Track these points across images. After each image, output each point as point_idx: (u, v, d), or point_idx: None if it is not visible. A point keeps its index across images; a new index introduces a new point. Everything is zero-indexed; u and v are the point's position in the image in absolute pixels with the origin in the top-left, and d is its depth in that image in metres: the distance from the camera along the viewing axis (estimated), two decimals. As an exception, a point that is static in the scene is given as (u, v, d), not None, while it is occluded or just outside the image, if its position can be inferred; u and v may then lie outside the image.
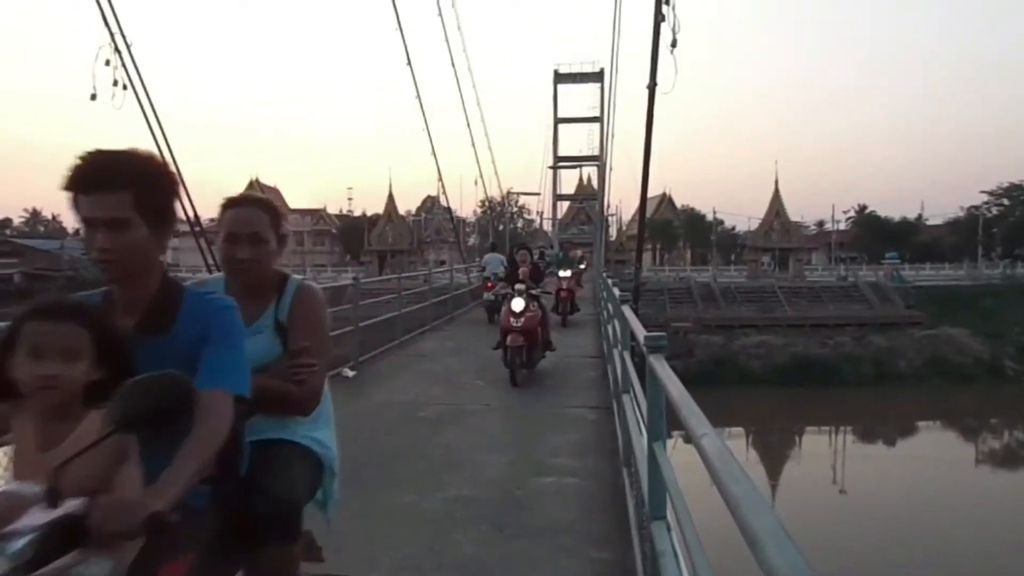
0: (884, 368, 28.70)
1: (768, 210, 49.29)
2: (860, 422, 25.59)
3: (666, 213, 68.09)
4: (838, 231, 68.32)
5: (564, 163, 64.84)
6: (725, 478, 1.25)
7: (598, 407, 6.80)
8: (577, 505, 4.22)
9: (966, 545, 13.38)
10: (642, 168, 14.29)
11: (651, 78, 13.05)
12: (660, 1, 12.03)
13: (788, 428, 25.01)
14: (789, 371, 28.34)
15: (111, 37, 8.78)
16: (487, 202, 64.01)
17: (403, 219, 57.60)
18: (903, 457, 21.87)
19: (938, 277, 45.26)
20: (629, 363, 4.61)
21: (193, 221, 11.16)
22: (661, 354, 2.56)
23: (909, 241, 63.81)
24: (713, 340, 30.13)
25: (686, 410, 1.80)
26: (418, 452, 5.33)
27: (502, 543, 3.64)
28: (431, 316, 13.58)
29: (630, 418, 3.94)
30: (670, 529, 2.37)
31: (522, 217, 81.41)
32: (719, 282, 40.14)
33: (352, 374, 8.39)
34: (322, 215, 77.16)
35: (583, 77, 61.86)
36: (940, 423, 25.88)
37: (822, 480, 18.58)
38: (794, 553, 0.94)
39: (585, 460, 5.11)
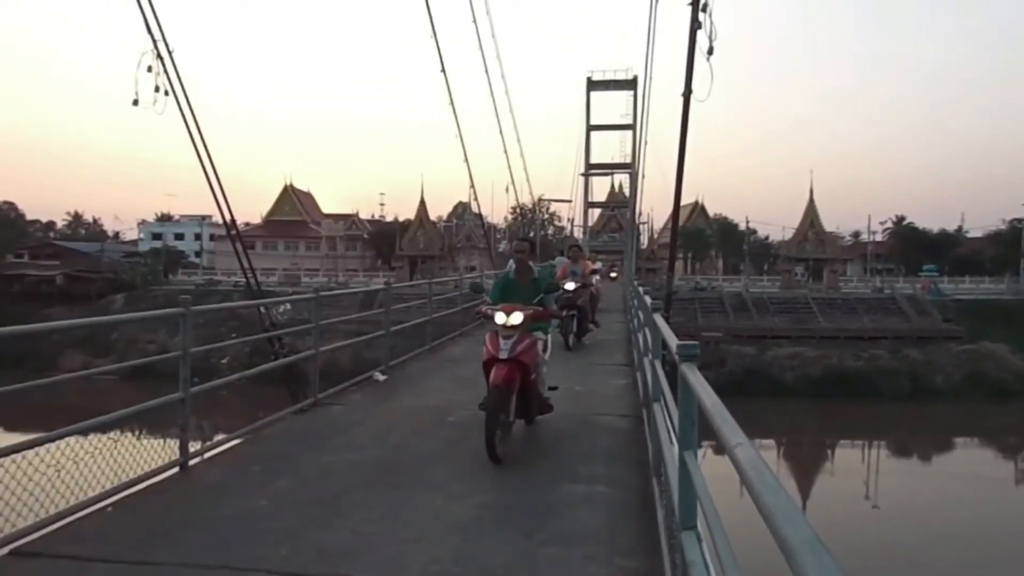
0: (921, 382, 28.09)
1: (802, 220, 48.56)
2: (895, 437, 25.08)
3: (698, 222, 67.58)
4: (874, 242, 67.05)
5: (596, 170, 64.81)
6: (759, 488, 1.24)
7: (627, 415, 6.76)
8: (606, 513, 4.20)
9: (1003, 567, 13.01)
10: (676, 176, 14.24)
11: (686, 85, 13.01)
12: (696, 8, 11.98)
13: (820, 441, 24.60)
14: (822, 383, 27.90)
15: (154, 44, 9.02)
16: (518, 209, 64.19)
17: (434, 225, 57.94)
18: (939, 474, 21.37)
19: (978, 291, 44.18)
20: (660, 372, 4.59)
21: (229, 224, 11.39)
22: (694, 363, 2.54)
23: (948, 253, 62.43)
24: (744, 351, 29.79)
25: (719, 419, 1.78)
26: (447, 456, 5.34)
27: (530, 549, 3.63)
28: (461, 321, 13.64)
29: (660, 427, 3.91)
30: (700, 539, 2.35)
31: (553, 224, 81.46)
32: (751, 292, 39.66)
33: (383, 378, 8.46)
34: (354, 220, 77.93)
35: (616, 84, 61.78)
36: (978, 440, 25.24)
37: (854, 494, 18.23)
38: (831, 565, 0.93)
39: (614, 468, 5.08)
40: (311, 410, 6.86)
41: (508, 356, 5.16)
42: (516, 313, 5.39)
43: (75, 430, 4.11)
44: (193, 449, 5.12)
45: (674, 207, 15.56)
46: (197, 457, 5.18)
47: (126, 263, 54.22)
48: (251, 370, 6.85)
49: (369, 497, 4.38)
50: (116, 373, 7.77)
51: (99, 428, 4.32)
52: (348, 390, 7.79)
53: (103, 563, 3.41)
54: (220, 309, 10.12)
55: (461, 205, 70.54)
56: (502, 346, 5.20)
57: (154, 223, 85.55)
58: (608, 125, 63.38)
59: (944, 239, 65.95)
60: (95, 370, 6.42)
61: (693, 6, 12.10)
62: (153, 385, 5.77)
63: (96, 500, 4.11)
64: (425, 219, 54.53)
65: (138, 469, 4.59)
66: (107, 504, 4.15)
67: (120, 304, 40.39)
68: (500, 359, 5.17)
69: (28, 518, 3.70)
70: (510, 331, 5.30)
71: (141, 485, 4.49)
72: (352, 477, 4.76)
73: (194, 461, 5.09)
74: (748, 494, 1.27)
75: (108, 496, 4.20)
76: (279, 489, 4.48)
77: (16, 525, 3.62)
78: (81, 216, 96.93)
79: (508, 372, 5.13)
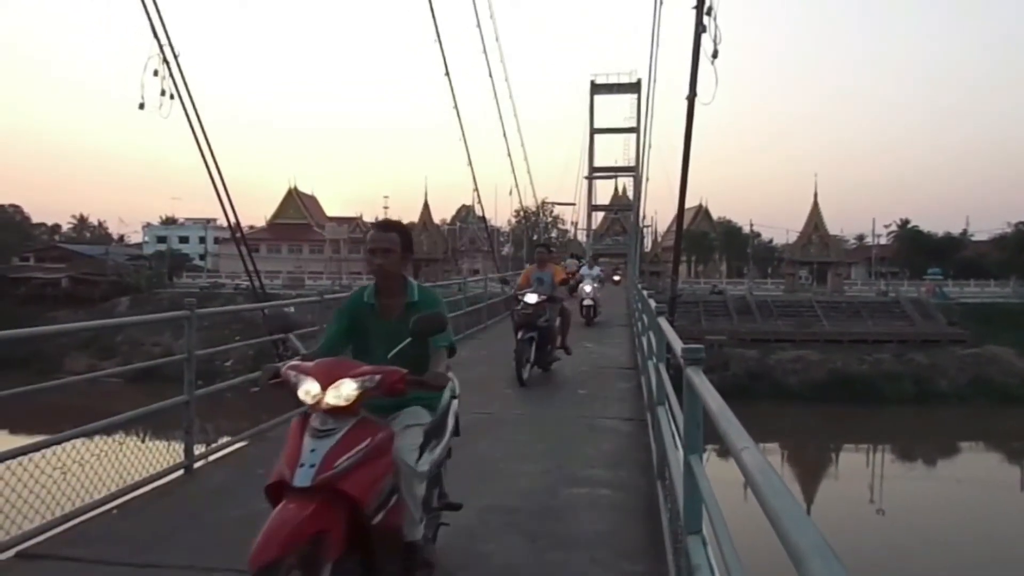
0: (925, 386, 28.00)
1: (807, 223, 48.56)
2: (899, 441, 24.99)
3: (702, 225, 67.50)
4: (879, 246, 66.92)
5: (599, 174, 64.83)
6: (766, 492, 1.24)
7: (632, 419, 6.75)
8: (610, 517, 4.19)
9: (1008, 572, 12.95)
10: (679, 179, 14.23)
11: (691, 89, 13.01)
12: (701, 12, 11.99)
13: (824, 445, 24.52)
14: (826, 387, 27.82)
15: (160, 49, 9.05)
16: (522, 212, 64.24)
17: (438, 228, 58.01)
18: (944, 478, 21.27)
19: (983, 294, 44.06)
20: (665, 375, 4.58)
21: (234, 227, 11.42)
22: (699, 366, 2.54)
23: (953, 257, 62.26)
24: (748, 354, 29.73)
25: (725, 423, 1.78)
26: (451, 460, 5.34)
27: (535, 554, 3.63)
28: (464, 325, 13.64)
29: (665, 430, 3.91)
30: (706, 543, 2.34)
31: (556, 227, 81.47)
32: (755, 295, 39.59)
33: (386, 381, 8.46)
34: (358, 223, 78.01)
35: (620, 88, 61.80)
36: (983, 445, 25.13)
37: (859, 499, 18.16)
38: (840, 570, 0.93)
39: (619, 472, 5.07)
40: (315, 413, 6.85)
41: (310, 483, 2.36)
42: (347, 382, 2.54)
43: (81, 432, 4.12)
44: (198, 452, 5.13)
45: (678, 210, 15.57)
46: (202, 460, 5.19)
47: (131, 266, 54.41)
48: (256, 373, 6.85)
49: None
50: (121, 376, 7.77)
51: (104, 431, 4.33)
52: (352, 393, 7.78)
53: (108, 565, 3.41)
54: (224, 312, 10.14)
55: (465, 208, 70.61)
56: (301, 459, 2.42)
57: (159, 226, 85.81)
58: (612, 128, 63.40)
59: (949, 242, 65.75)
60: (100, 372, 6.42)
61: (697, 10, 12.11)
62: (158, 388, 5.78)
63: (101, 502, 4.12)
64: (429, 222, 54.64)
65: (143, 472, 4.60)
66: (112, 506, 4.16)
67: (125, 307, 40.48)
68: (293, 487, 2.38)
69: (34, 520, 3.71)
70: (333, 415, 2.50)
71: (146, 487, 4.50)
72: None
73: (199, 464, 5.09)
74: (754, 498, 1.27)
75: (113, 498, 4.21)
76: (283, 492, 4.48)
77: (22, 527, 3.63)
78: (86, 219, 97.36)
79: (300, 525, 2.27)
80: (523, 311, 8.51)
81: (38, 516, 3.75)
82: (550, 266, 9.31)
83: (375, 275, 3.13)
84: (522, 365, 8.11)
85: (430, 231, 54.15)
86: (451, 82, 19.08)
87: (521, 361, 8.11)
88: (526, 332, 8.38)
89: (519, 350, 8.16)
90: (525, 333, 8.37)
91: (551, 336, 8.93)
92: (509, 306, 10.41)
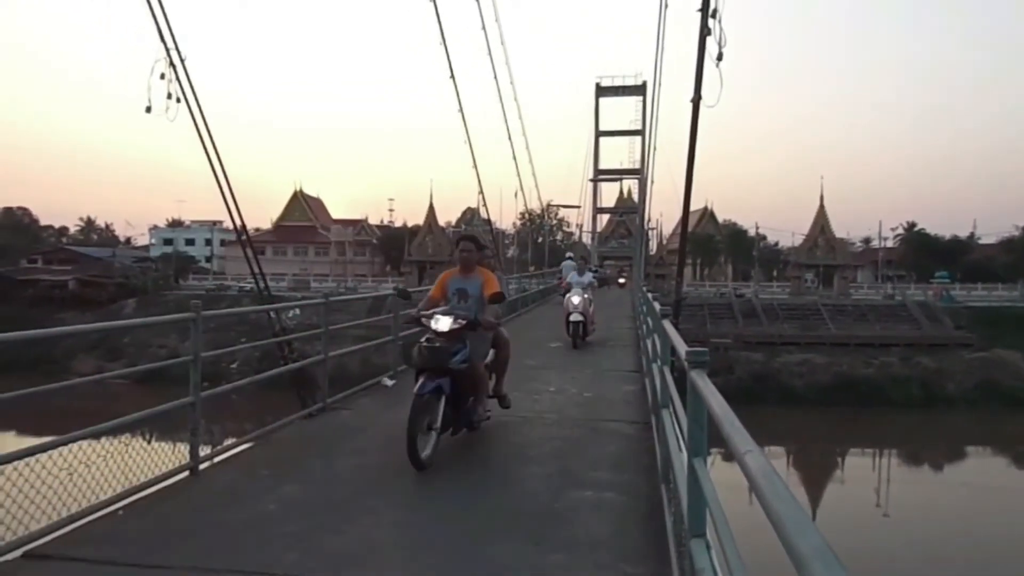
0: (932, 390, 27.89)
1: (812, 226, 48.45)
2: (906, 445, 24.89)
3: (708, 228, 67.48)
4: (885, 249, 66.72)
5: (605, 176, 64.84)
6: (770, 496, 1.24)
7: (636, 421, 6.74)
8: (614, 520, 4.19)
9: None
10: (685, 181, 14.19)
11: (696, 91, 12.97)
12: (706, 15, 11.97)
13: (830, 449, 24.44)
14: (832, 391, 27.74)
15: (167, 52, 9.09)
16: (527, 214, 64.26)
17: (443, 230, 58.07)
18: (951, 483, 21.18)
19: (990, 298, 43.89)
20: (669, 378, 4.58)
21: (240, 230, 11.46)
22: (703, 369, 2.54)
23: (960, 260, 62.05)
24: (754, 357, 29.67)
25: (729, 426, 1.78)
26: (456, 462, 5.35)
27: (538, 556, 3.63)
28: (469, 327, 13.62)
29: (669, 433, 3.90)
30: (710, 547, 2.34)
31: (561, 230, 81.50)
32: (761, 298, 39.50)
33: (392, 383, 8.47)
34: (364, 225, 78.20)
35: (625, 90, 61.87)
36: (991, 449, 25.00)
37: (865, 503, 18.10)
38: (842, 574, 0.93)
39: (622, 474, 5.07)
40: (320, 415, 6.88)
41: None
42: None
43: (87, 433, 4.14)
44: (203, 453, 5.15)
45: (683, 213, 15.53)
46: (207, 461, 5.20)
47: (137, 268, 54.68)
48: (261, 375, 6.88)
49: (378, 503, 4.39)
50: (127, 377, 7.81)
51: (111, 432, 4.35)
52: (357, 395, 7.81)
53: (114, 566, 3.43)
54: (230, 314, 10.18)
55: (470, 211, 70.71)
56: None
57: (165, 229, 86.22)
58: (617, 131, 63.45)
59: (956, 245, 65.55)
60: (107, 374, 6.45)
61: (703, 12, 12.10)
62: (164, 389, 5.80)
63: (107, 503, 4.13)
64: (434, 224, 54.71)
65: (149, 472, 4.62)
66: (118, 507, 4.18)
67: (131, 309, 40.68)
68: None
69: (41, 520, 3.73)
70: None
71: (152, 488, 4.51)
72: (361, 482, 4.77)
73: (204, 465, 5.11)
74: (758, 502, 1.27)
75: (119, 499, 4.23)
76: (288, 493, 4.49)
77: (29, 528, 3.65)
78: (94, 221, 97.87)
79: None
80: (427, 345, 5.28)
81: (44, 517, 3.77)
82: (479, 271, 5.92)
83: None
84: (417, 435, 4.83)
85: (435, 234, 54.19)
86: (456, 84, 19.08)
87: (417, 429, 4.85)
88: (430, 380, 5.09)
89: (415, 410, 4.87)
90: (428, 382, 5.07)
91: (474, 382, 5.62)
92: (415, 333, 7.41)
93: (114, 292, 44.39)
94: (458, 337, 5.40)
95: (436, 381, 5.14)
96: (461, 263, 5.95)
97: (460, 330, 5.43)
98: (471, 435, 5.87)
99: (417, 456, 4.84)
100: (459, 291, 5.85)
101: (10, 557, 3.45)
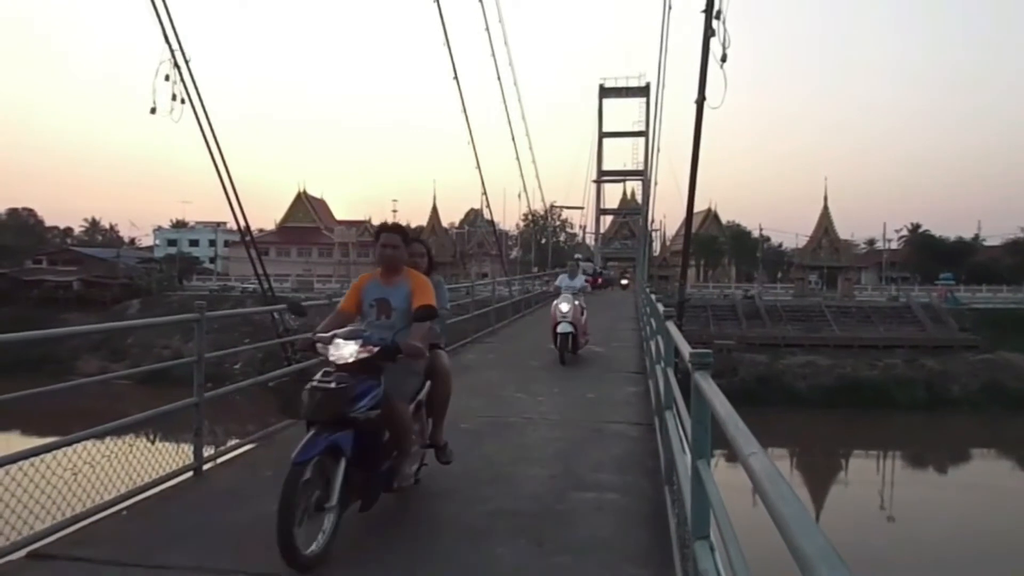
0: (936, 392, 27.80)
1: (816, 227, 48.41)
2: (910, 447, 24.81)
3: (711, 229, 67.36)
4: (890, 250, 66.61)
5: (608, 177, 64.84)
6: (774, 498, 1.24)
7: (639, 423, 6.74)
8: (618, 522, 4.18)
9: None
10: (688, 182, 14.17)
11: (699, 92, 12.96)
12: (710, 15, 11.96)
13: (834, 451, 24.38)
14: (836, 392, 27.66)
15: (171, 54, 9.11)
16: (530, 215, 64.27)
17: (446, 231, 58.13)
18: (955, 485, 21.11)
19: (995, 300, 43.73)
20: (673, 380, 4.58)
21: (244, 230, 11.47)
22: (707, 371, 2.54)
23: (965, 262, 61.89)
24: (757, 359, 29.61)
25: (733, 428, 1.78)
26: (459, 464, 5.34)
27: (541, 558, 3.62)
28: (473, 328, 13.65)
29: (673, 435, 3.90)
30: (713, 549, 2.34)
31: (564, 231, 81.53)
32: (764, 300, 39.44)
33: (394, 384, 8.46)
34: (367, 226, 78.28)
35: (629, 91, 61.82)
36: (996, 451, 24.92)
37: (869, 505, 18.05)
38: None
39: (626, 476, 5.06)
40: (324, 416, 6.87)
41: None
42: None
43: (91, 434, 4.15)
44: (207, 454, 5.15)
45: (687, 214, 15.50)
46: (211, 462, 5.21)
47: (142, 269, 54.77)
48: (265, 375, 6.88)
49: (381, 503, 4.39)
50: (132, 378, 7.82)
51: (115, 432, 4.36)
52: (360, 396, 7.80)
53: (118, 566, 3.44)
54: (234, 315, 10.20)
55: (473, 212, 70.78)
56: None
57: (169, 229, 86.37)
58: (621, 132, 63.43)
59: (961, 247, 65.39)
60: (112, 375, 6.47)
61: (706, 13, 12.08)
62: (168, 390, 5.82)
63: (111, 504, 4.14)
64: (437, 225, 54.75)
65: (153, 473, 4.63)
66: (122, 508, 4.19)
67: (135, 309, 40.75)
68: None
69: (45, 521, 3.74)
70: None
71: (156, 489, 4.52)
72: (364, 483, 4.76)
73: (208, 466, 5.12)
74: (762, 504, 1.27)
75: (123, 500, 4.24)
76: (292, 494, 4.49)
77: (33, 528, 3.66)
78: (98, 222, 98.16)
79: None
80: (319, 385, 3.67)
81: (49, 517, 3.78)
82: (407, 275, 4.37)
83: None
84: (293, 525, 3.32)
85: (438, 235, 54.22)
86: (459, 85, 19.10)
87: (292, 517, 3.32)
88: (321, 436, 3.56)
89: (289, 487, 3.38)
90: (318, 439, 3.54)
91: (395, 432, 4.02)
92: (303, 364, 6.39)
93: (118, 293, 44.48)
94: (368, 371, 3.75)
95: (329, 438, 3.49)
96: (383, 263, 4.33)
97: (371, 360, 3.76)
98: None
99: (295, 554, 3.26)
100: (379, 302, 4.26)
101: (15, 557, 3.45)
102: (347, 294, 4.51)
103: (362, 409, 3.64)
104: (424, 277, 4.43)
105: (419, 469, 4.51)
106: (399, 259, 4.36)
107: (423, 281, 4.35)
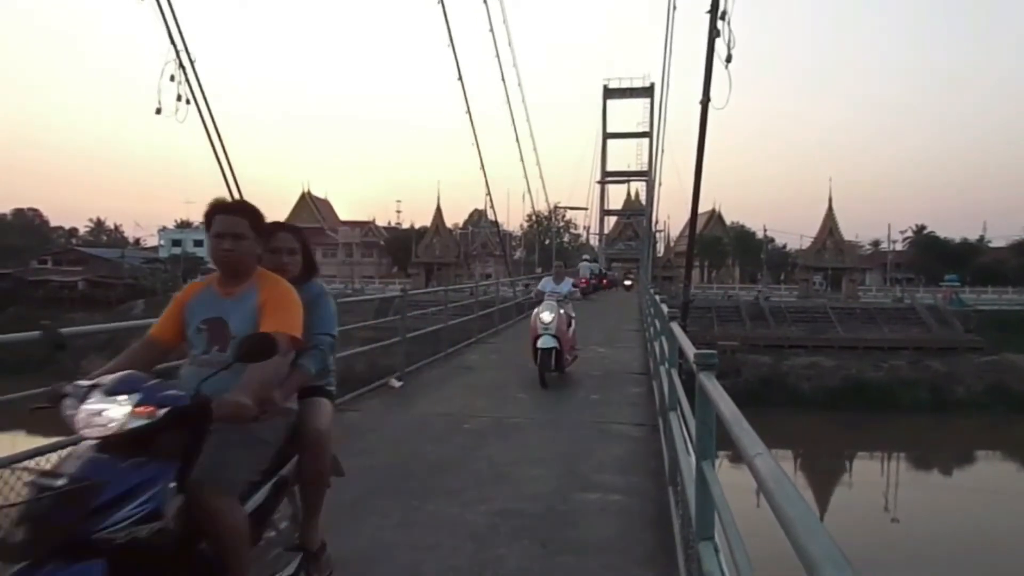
0: (941, 394, 27.71)
1: (821, 228, 48.20)
2: (915, 449, 24.73)
3: (715, 230, 67.23)
4: (894, 251, 66.43)
5: (612, 178, 64.81)
6: (780, 499, 1.24)
7: (643, 424, 6.73)
8: (622, 523, 4.18)
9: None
10: (693, 183, 14.17)
11: (704, 93, 12.96)
12: (715, 16, 11.96)
13: (838, 452, 24.31)
14: (840, 394, 27.59)
15: (176, 54, 9.14)
16: (534, 216, 64.28)
17: (450, 232, 58.12)
18: (960, 487, 21.03)
19: (1001, 301, 43.56)
20: (677, 381, 4.57)
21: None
22: (712, 372, 2.53)
23: (970, 263, 61.67)
24: (761, 360, 29.54)
25: (738, 429, 1.77)
26: (462, 464, 5.34)
27: (545, 558, 3.62)
28: (477, 328, 13.65)
29: (677, 436, 3.89)
30: (718, 550, 2.33)
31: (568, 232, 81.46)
32: (769, 301, 39.36)
33: (399, 384, 8.48)
34: (371, 227, 78.39)
35: (633, 92, 61.78)
36: (1001, 454, 24.82)
37: (873, 507, 17.99)
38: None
39: (630, 477, 5.05)
40: (327, 416, 6.88)
41: None
42: None
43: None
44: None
45: (691, 215, 15.50)
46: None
47: (146, 269, 54.93)
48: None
49: (385, 503, 4.39)
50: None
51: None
52: (364, 396, 7.82)
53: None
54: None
55: (477, 212, 70.76)
56: None
57: (174, 230, 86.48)
58: (625, 133, 63.39)
59: (966, 248, 65.16)
60: (115, 374, 6.48)
61: (711, 14, 12.07)
62: (172, 390, 5.81)
63: None
64: (441, 226, 54.70)
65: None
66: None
67: (140, 310, 40.84)
68: None
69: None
70: None
71: (159, 489, 4.51)
72: (368, 483, 4.76)
73: (212, 466, 5.11)
74: (767, 505, 1.26)
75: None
76: (295, 494, 4.49)
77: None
78: (103, 222, 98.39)
79: None
80: (41, 482, 1.79)
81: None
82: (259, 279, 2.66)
83: None
84: None
85: (442, 235, 54.21)
86: (464, 86, 19.14)
87: None
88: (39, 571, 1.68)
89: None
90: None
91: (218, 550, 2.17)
92: None
93: (123, 293, 44.63)
94: (152, 450, 1.99)
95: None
96: (220, 263, 2.65)
97: (154, 431, 1.99)
98: None
99: None
100: (210, 323, 2.60)
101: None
102: (164, 312, 2.74)
103: (120, 524, 1.82)
104: (287, 285, 2.68)
105: None
106: (246, 257, 2.63)
107: (283, 291, 2.63)
